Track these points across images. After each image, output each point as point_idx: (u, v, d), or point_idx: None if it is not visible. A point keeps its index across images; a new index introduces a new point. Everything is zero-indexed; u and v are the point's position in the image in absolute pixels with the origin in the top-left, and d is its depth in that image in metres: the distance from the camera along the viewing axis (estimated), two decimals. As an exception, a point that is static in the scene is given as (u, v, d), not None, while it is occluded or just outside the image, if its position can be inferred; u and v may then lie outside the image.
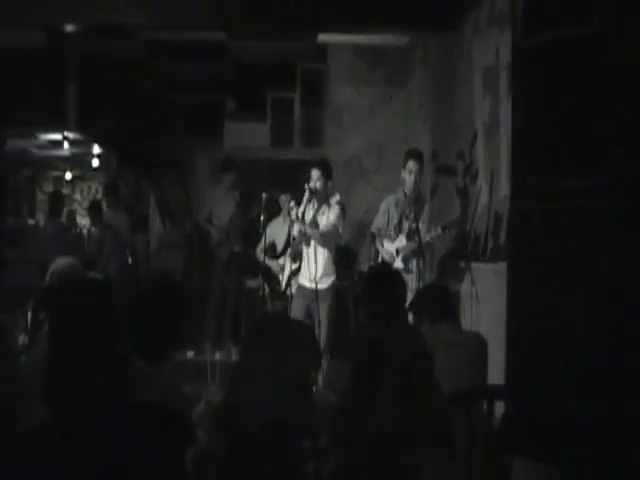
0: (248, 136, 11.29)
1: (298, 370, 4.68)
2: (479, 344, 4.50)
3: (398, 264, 7.17)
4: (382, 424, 3.43)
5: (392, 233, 7.32)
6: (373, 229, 7.56)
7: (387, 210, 7.42)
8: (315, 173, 7.22)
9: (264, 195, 7.83)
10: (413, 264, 7.01)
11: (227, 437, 4.34)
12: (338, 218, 7.29)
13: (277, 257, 8.37)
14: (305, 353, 4.87)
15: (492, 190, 7.17)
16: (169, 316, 3.25)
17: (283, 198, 8.62)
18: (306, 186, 7.20)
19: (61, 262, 4.65)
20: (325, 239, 7.23)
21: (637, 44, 3.00)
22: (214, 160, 10.50)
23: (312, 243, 7.24)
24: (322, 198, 7.27)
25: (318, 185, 7.19)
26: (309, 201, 7.18)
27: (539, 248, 3.27)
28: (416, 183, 7.25)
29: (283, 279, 7.66)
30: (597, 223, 3.07)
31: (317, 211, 7.25)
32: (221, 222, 9.17)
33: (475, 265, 7.27)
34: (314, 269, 7.11)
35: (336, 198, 7.35)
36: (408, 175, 7.24)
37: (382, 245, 7.39)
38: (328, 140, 10.82)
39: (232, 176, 9.13)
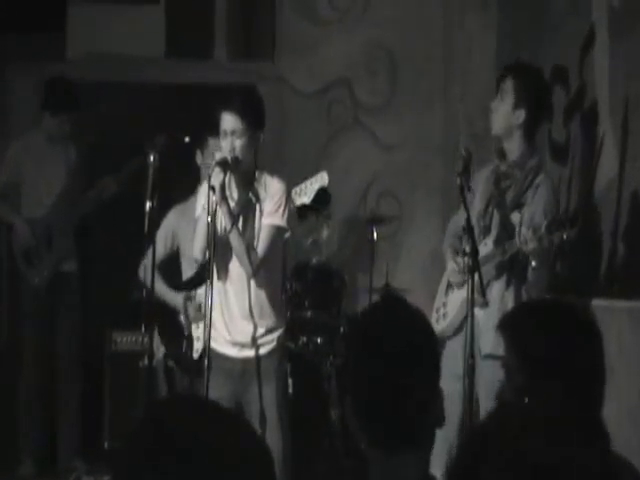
0: (117, 33, 10.98)
1: None
2: None
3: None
4: None
5: (480, 230, 7.45)
6: (445, 245, 7.81)
7: (480, 193, 7.70)
8: (228, 120, 7.06)
9: (152, 155, 7.52)
10: (494, 291, 7.08)
11: None
12: (282, 211, 7.27)
13: (187, 285, 8.13)
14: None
15: (626, 143, 7.56)
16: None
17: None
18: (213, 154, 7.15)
19: None
20: (261, 259, 7.21)
21: None
22: (39, 81, 10.35)
23: (231, 269, 7.23)
24: (245, 174, 7.15)
25: (236, 145, 7.01)
26: (222, 181, 6.97)
27: None
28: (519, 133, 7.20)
29: (198, 333, 7.72)
30: None
31: (238, 204, 7.20)
32: (39, 207, 9.36)
33: (595, 302, 7.69)
34: (244, 319, 7.21)
35: (280, 186, 7.24)
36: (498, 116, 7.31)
37: (454, 260, 7.69)
38: (284, 43, 10.99)
39: (65, 113, 9.36)
